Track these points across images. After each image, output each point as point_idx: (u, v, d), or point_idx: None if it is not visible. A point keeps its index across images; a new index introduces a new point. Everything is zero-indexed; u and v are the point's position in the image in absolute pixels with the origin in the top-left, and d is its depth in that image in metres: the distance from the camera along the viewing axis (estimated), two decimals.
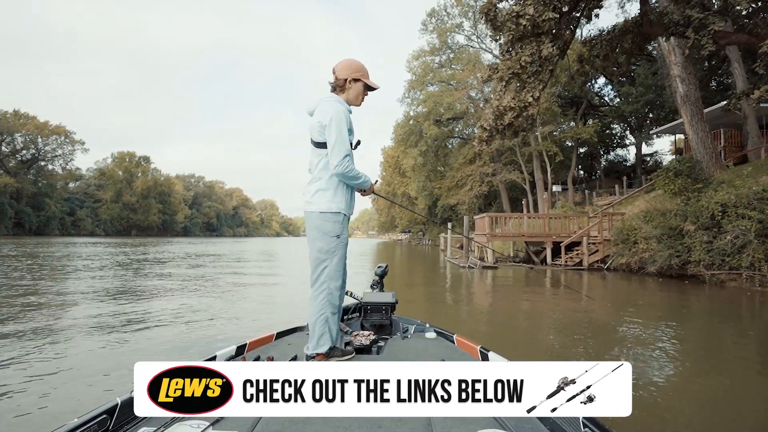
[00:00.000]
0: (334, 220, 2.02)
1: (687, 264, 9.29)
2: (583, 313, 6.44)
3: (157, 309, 6.19)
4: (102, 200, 73.00)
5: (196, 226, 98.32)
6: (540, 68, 8.34)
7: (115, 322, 5.31)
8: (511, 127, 9.38)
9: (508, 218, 15.86)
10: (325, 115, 1.96)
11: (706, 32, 8.90)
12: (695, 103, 14.01)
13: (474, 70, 27.62)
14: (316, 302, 1.98)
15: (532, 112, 8.50)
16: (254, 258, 19.78)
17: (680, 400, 3.10)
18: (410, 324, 2.66)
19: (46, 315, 5.63)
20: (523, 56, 7.83)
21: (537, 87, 8.34)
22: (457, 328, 2.75)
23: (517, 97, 8.27)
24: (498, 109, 8.37)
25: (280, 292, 8.64)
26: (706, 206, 8.67)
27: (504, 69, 8.52)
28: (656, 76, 23.19)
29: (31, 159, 61.76)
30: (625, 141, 31.66)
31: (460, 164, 30.16)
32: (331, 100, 2.05)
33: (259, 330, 3.73)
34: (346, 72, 2.09)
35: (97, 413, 1.25)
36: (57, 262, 14.42)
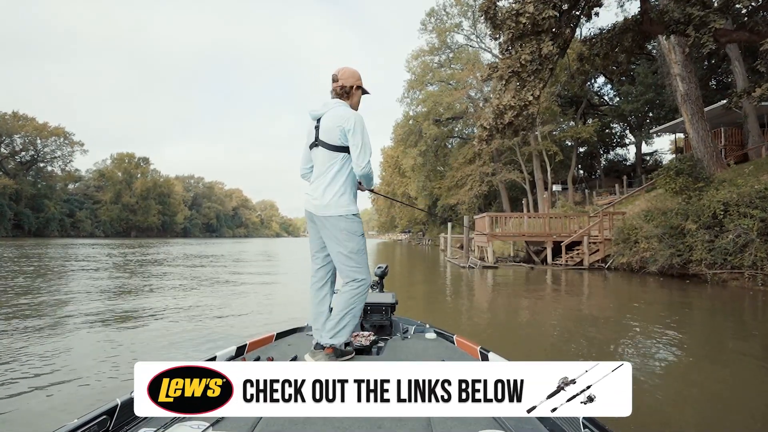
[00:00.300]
0: (358, 221, 2.12)
1: (688, 263, 9.24)
2: (584, 313, 6.39)
3: (156, 308, 6.14)
4: (101, 201, 72.99)
5: (196, 227, 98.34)
6: (540, 67, 8.28)
7: (114, 322, 5.26)
8: (511, 126, 9.32)
9: (508, 218, 15.81)
10: (348, 120, 2.04)
11: (707, 30, 8.85)
12: (696, 101, 13.97)
13: (473, 69, 27.56)
14: (344, 296, 2.06)
15: (532, 111, 8.44)
16: (253, 259, 19.73)
17: (683, 401, 3.05)
18: (410, 324, 2.66)
19: (42, 316, 5.58)
20: (523, 54, 7.77)
21: (537, 86, 8.28)
22: (458, 329, 2.71)
23: (517, 95, 8.21)
24: (498, 108, 8.31)
25: (281, 292, 8.60)
26: (708, 205, 8.61)
27: (504, 68, 8.46)
28: (656, 75, 23.15)
29: (31, 160, 61.72)
30: (625, 140, 31.66)
31: (460, 164, 30.10)
32: (343, 105, 2.13)
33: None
34: (351, 80, 2.18)
35: (97, 414, 1.24)
36: (54, 263, 14.36)
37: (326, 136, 2.08)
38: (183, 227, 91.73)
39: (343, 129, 2.04)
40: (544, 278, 10.98)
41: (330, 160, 2.08)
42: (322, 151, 2.11)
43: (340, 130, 2.04)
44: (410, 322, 2.71)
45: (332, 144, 2.07)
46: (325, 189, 2.08)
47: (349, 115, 2.05)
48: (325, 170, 2.10)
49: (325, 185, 2.08)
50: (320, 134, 2.10)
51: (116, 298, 7.25)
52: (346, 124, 2.03)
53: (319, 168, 2.13)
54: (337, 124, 2.05)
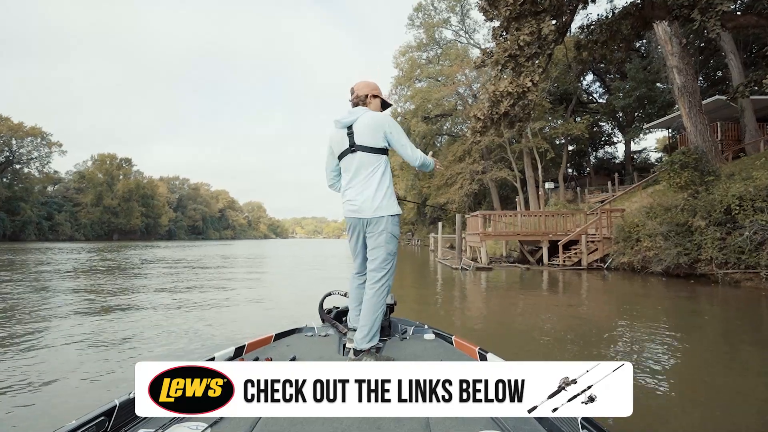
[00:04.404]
0: (399, 223, 2.19)
1: (697, 263, 8.63)
2: (588, 318, 5.69)
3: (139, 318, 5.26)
4: (82, 204, 70.90)
5: (181, 229, 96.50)
6: (539, 50, 7.60)
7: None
8: (507, 116, 8.63)
9: (501, 216, 15.11)
10: (384, 123, 2.13)
11: (714, 13, 8.30)
12: (693, 94, 13.49)
13: (462, 65, 26.98)
14: (378, 299, 2.08)
15: (531, 98, 7.74)
16: (243, 264, 18.76)
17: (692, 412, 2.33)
18: (409, 325, 2.64)
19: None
20: (522, 35, 7.06)
21: (536, 71, 7.59)
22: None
23: (515, 81, 7.50)
24: (494, 95, 7.59)
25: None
26: (720, 200, 7.99)
27: (500, 52, 7.76)
28: (647, 71, 22.84)
29: (5, 162, 59.41)
30: (613, 138, 31.43)
31: (450, 162, 29.51)
32: (370, 111, 2.19)
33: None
34: (366, 89, 2.26)
35: (95, 415, 1.23)
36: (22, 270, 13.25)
37: (366, 139, 2.11)
38: (168, 229, 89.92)
39: (385, 131, 2.11)
40: (544, 280, 10.29)
41: (374, 162, 2.12)
42: (361, 156, 2.13)
43: (383, 132, 2.11)
44: (409, 323, 2.69)
45: (374, 147, 2.11)
46: (375, 191, 2.11)
47: (382, 118, 2.14)
48: (370, 173, 2.12)
49: (374, 187, 2.11)
50: (357, 139, 2.12)
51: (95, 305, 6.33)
52: (386, 126, 2.12)
53: (362, 172, 2.14)
54: (378, 127, 2.11)
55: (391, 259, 2.14)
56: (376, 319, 2.06)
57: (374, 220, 2.10)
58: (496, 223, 14.57)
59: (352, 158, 2.15)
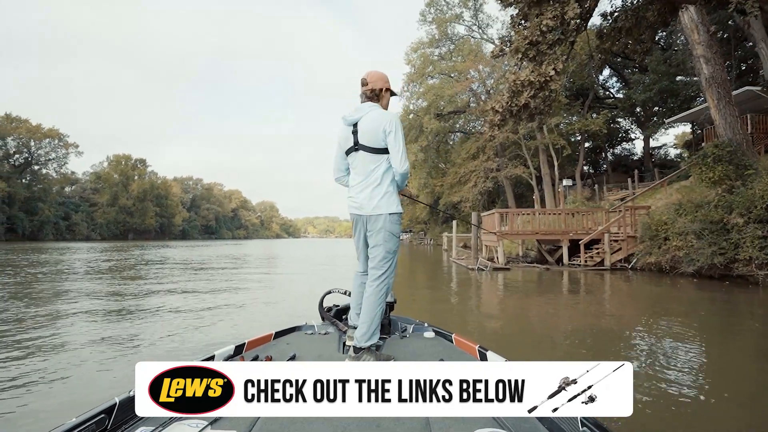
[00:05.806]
0: (399, 222, 2.17)
1: (733, 263, 8.04)
2: (625, 323, 5.22)
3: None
4: (98, 204, 72.10)
5: (195, 229, 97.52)
6: (563, 35, 7.11)
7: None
8: (527, 108, 8.15)
9: (518, 214, 14.56)
10: (389, 122, 2.09)
11: None
12: (722, 84, 12.68)
13: (475, 60, 26.40)
14: (377, 297, 2.07)
15: (554, 88, 7.26)
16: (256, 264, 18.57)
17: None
18: (409, 323, 2.62)
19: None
20: (544, 20, 6.58)
21: (560, 58, 7.11)
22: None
23: (537, 70, 7.02)
24: (515, 85, 7.11)
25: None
26: (761, 195, 7.40)
27: (520, 39, 7.28)
28: (668, 63, 21.98)
29: (24, 163, 60.66)
30: (630, 135, 30.46)
31: (463, 159, 28.94)
32: (377, 108, 2.15)
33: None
34: (380, 83, 2.21)
35: (96, 412, 1.23)
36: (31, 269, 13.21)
37: (368, 139, 2.11)
38: (181, 229, 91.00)
39: (385, 131, 2.08)
40: (567, 282, 9.77)
41: (375, 162, 2.12)
42: (363, 155, 2.13)
43: (383, 132, 2.08)
44: (409, 321, 2.67)
45: (375, 147, 2.11)
46: (374, 190, 2.11)
47: (390, 118, 2.10)
48: (371, 172, 2.12)
49: (374, 186, 2.11)
50: (360, 138, 2.12)
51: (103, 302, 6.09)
52: (387, 126, 2.08)
53: (363, 171, 2.14)
54: (379, 126, 2.08)
55: (390, 257, 2.13)
56: (376, 317, 2.06)
57: (373, 217, 2.11)
58: (513, 221, 14.04)
59: (356, 156, 2.17)
